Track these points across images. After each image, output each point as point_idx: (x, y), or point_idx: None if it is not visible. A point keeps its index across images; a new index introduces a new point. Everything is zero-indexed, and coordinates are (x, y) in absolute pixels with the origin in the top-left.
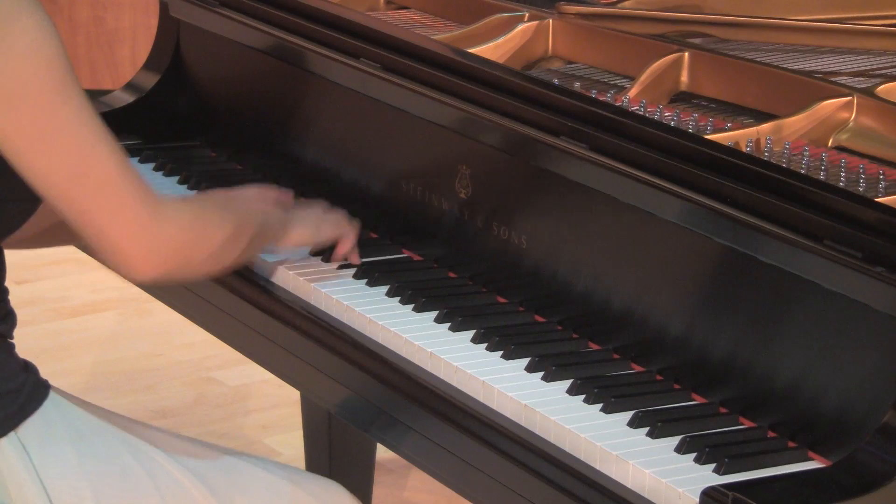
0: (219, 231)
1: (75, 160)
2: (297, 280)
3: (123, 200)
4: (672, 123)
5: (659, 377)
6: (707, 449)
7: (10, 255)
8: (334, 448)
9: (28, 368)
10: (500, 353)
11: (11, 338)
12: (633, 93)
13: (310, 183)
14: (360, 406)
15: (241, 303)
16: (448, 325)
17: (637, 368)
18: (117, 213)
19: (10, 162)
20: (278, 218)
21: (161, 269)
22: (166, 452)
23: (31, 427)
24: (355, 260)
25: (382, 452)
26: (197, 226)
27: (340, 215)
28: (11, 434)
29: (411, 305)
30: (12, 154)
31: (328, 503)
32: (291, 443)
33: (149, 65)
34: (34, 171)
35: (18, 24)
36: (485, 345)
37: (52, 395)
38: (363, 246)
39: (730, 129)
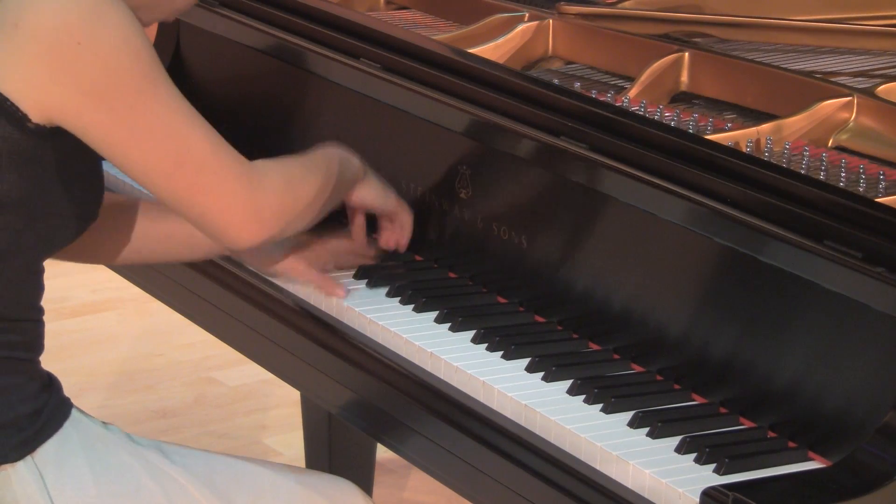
0: (309, 186)
1: (172, 147)
2: (297, 280)
3: (222, 179)
4: (672, 123)
5: (659, 377)
6: (707, 449)
7: None
8: (334, 448)
9: (51, 387)
10: (501, 353)
11: (36, 361)
12: (633, 93)
13: None
14: (360, 406)
15: (241, 303)
16: (448, 325)
17: (637, 369)
18: (218, 193)
19: (108, 157)
20: (356, 168)
21: (265, 234)
22: (183, 469)
23: (48, 449)
24: (404, 245)
25: (382, 452)
26: (290, 186)
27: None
28: (23, 461)
29: (411, 305)
30: (109, 148)
31: (342, 501)
32: (291, 443)
33: None
34: (132, 162)
35: (106, 19)
36: (485, 345)
37: (73, 414)
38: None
39: (730, 129)
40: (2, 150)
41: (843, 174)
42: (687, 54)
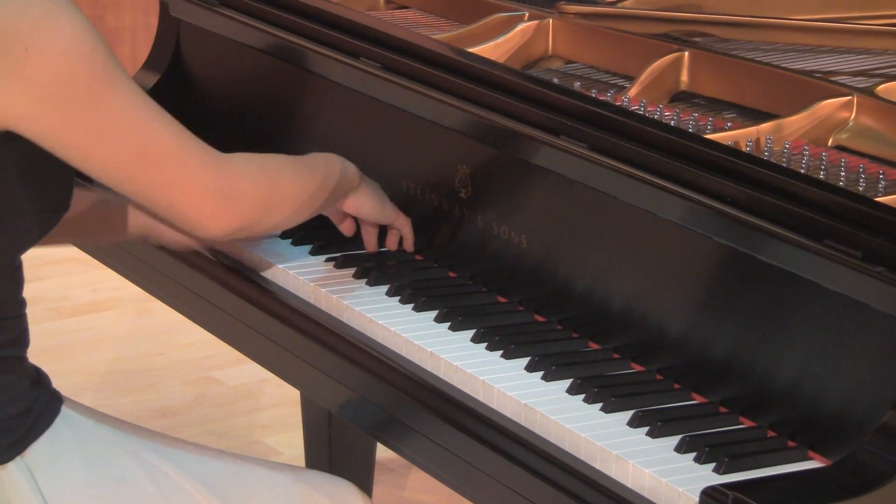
0: (289, 181)
1: (132, 145)
2: (297, 280)
3: (189, 171)
4: (672, 123)
5: (659, 377)
6: (707, 448)
7: None
8: (334, 448)
9: (40, 383)
10: (500, 352)
11: (24, 357)
12: (633, 92)
13: None
14: (360, 405)
15: (241, 303)
16: (448, 324)
17: (637, 368)
18: (185, 184)
19: (67, 159)
20: (351, 175)
21: (238, 223)
22: (178, 466)
23: (39, 447)
24: (410, 246)
25: (382, 452)
26: (266, 177)
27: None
28: (14, 462)
29: (411, 305)
30: (67, 151)
31: (340, 500)
32: (291, 443)
33: (149, 64)
34: (93, 162)
35: (54, 23)
36: (485, 344)
37: (63, 410)
38: (362, 247)
39: (730, 129)
40: None
41: (842, 173)
42: (687, 54)
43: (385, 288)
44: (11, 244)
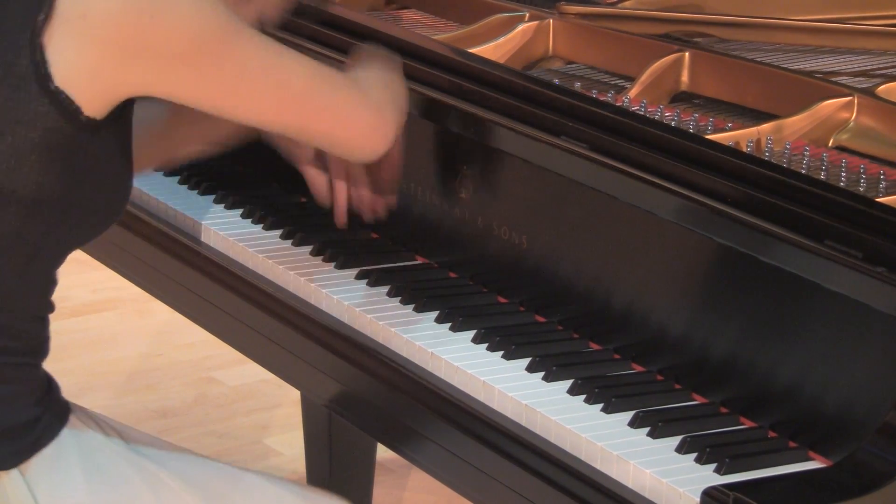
0: (402, 88)
1: (273, 85)
2: (297, 280)
3: (334, 103)
4: (672, 123)
5: (659, 377)
6: (708, 449)
7: None
8: (334, 448)
9: (50, 393)
10: (501, 353)
11: (38, 365)
12: (633, 93)
13: None
14: (360, 406)
15: (241, 303)
16: (449, 324)
17: (637, 368)
18: (335, 118)
19: (212, 112)
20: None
21: (388, 142)
22: (181, 478)
23: (42, 460)
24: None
25: (382, 452)
26: (390, 93)
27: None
28: (14, 470)
29: (412, 305)
30: (215, 107)
31: None
32: (291, 443)
33: None
34: (242, 113)
35: None
36: (485, 345)
37: (71, 420)
38: (363, 247)
39: (730, 129)
40: (50, 142)
41: (843, 174)
42: (687, 54)
43: (386, 288)
44: (68, 239)
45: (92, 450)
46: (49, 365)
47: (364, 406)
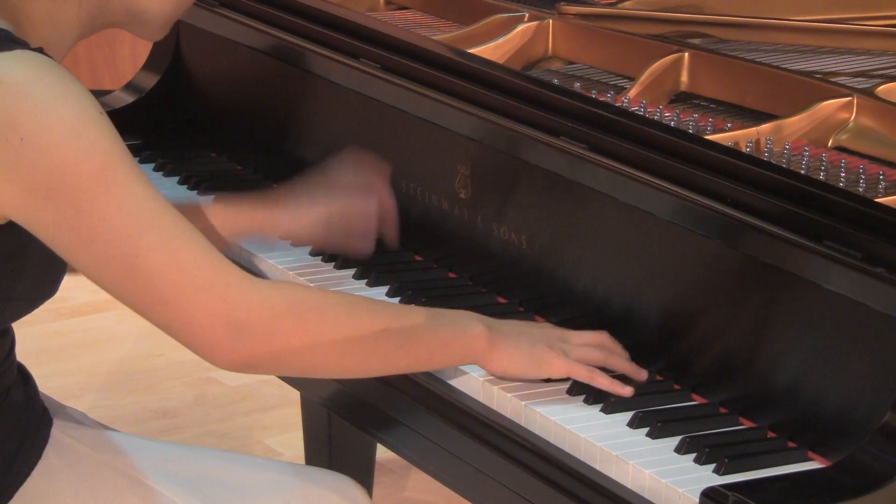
0: (337, 322)
1: (120, 253)
2: (297, 280)
3: (183, 289)
4: (672, 124)
5: (659, 377)
6: (707, 449)
7: None
8: (334, 448)
9: (26, 415)
10: None
11: (8, 393)
12: (633, 93)
13: None
14: (359, 405)
15: None
16: None
17: None
18: (179, 304)
19: (60, 255)
20: (472, 335)
21: (249, 356)
22: (173, 482)
23: (30, 486)
24: (622, 391)
25: (382, 452)
26: (297, 311)
27: (560, 331)
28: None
29: (412, 306)
30: (58, 247)
31: (341, 492)
32: (291, 443)
33: (149, 65)
34: (81, 264)
35: (53, 116)
36: None
37: (53, 436)
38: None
39: (730, 130)
40: None
41: (842, 174)
42: (687, 54)
43: (385, 288)
44: None
45: (75, 462)
46: (49, 365)
47: (363, 405)
